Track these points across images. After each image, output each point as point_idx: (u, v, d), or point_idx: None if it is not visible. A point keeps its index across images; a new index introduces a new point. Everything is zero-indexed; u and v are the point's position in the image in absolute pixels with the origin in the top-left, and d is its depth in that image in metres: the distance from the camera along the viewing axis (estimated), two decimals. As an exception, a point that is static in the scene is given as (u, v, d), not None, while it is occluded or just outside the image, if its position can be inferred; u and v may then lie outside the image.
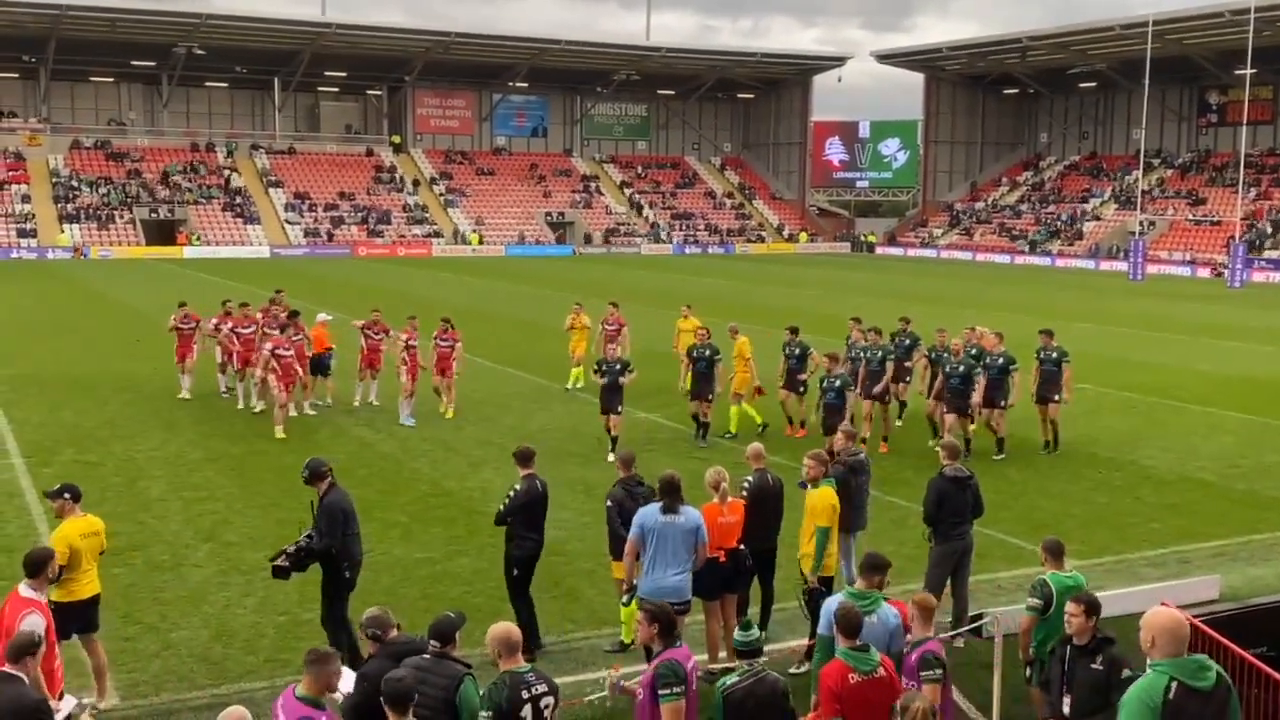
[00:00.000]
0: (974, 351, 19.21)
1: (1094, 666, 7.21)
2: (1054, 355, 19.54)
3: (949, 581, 11.14)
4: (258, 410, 21.89)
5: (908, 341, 21.42)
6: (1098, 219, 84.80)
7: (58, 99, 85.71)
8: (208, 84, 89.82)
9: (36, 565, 8.46)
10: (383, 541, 14.17)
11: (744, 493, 10.77)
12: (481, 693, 6.66)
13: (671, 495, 9.85)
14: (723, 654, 10.17)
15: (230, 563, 13.27)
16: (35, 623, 7.92)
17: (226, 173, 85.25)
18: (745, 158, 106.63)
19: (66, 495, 9.66)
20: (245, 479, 17.40)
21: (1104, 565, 13.59)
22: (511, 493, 10.77)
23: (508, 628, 6.85)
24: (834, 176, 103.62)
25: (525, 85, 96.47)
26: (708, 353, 19.71)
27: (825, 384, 17.94)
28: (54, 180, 79.86)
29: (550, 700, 6.66)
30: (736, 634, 7.38)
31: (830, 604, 8.01)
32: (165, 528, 14.73)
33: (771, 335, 31.62)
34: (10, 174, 78.74)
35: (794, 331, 20.83)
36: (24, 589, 8.33)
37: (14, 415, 21.90)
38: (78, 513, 9.63)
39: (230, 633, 11.17)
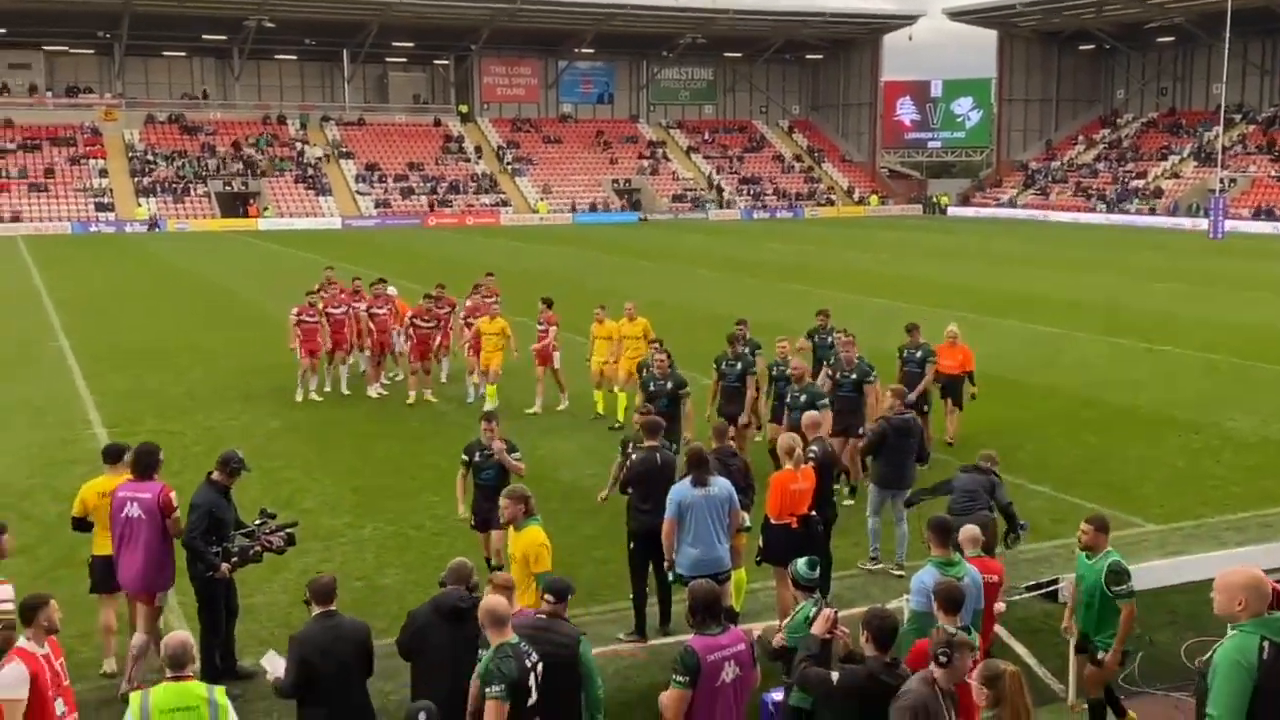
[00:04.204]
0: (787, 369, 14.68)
1: None
2: (919, 355, 16.36)
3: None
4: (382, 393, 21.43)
5: (829, 340, 17.00)
6: (1176, 176, 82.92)
7: (132, 74, 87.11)
8: (278, 57, 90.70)
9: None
10: (455, 511, 14.31)
11: (811, 460, 10.74)
12: (490, 666, 6.67)
13: (700, 467, 9.90)
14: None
15: (308, 529, 13.44)
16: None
17: (298, 145, 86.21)
18: (814, 120, 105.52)
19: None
20: (323, 446, 17.66)
21: (1184, 530, 13.38)
22: (628, 463, 10.85)
23: (495, 600, 6.97)
24: (905, 137, 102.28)
25: (591, 51, 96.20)
26: (669, 386, 14.69)
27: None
28: (130, 154, 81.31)
29: (541, 665, 6.87)
30: (802, 569, 7.69)
31: (924, 577, 7.99)
32: (244, 495, 14.77)
33: (845, 301, 31.44)
34: (88, 149, 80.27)
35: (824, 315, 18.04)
36: None
37: (96, 386, 22.40)
38: (106, 472, 10.00)
39: (309, 598, 11.34)
